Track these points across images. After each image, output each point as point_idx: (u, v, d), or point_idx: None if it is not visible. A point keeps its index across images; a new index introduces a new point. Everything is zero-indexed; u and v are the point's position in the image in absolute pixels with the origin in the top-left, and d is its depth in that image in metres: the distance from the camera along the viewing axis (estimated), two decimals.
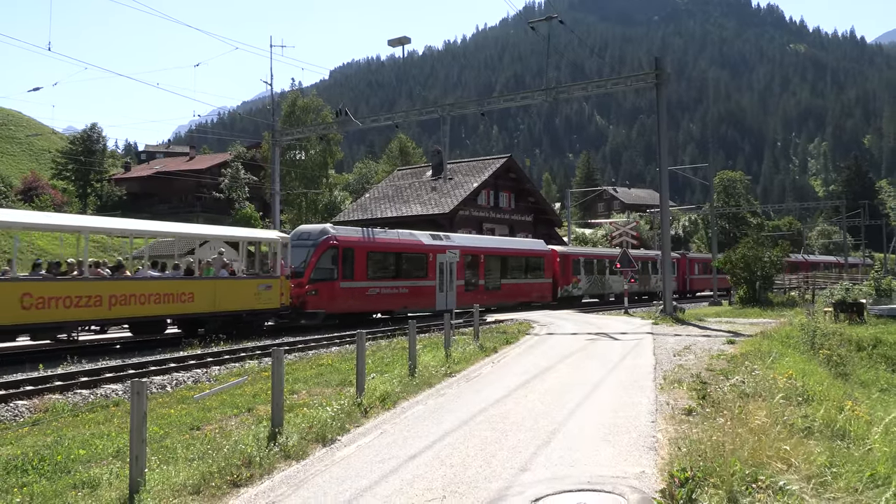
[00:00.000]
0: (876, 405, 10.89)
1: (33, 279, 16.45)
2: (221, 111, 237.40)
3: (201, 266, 20.68)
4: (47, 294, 15.80)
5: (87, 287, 16.77)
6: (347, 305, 24.93)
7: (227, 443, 7.40)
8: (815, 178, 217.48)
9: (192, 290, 19.37)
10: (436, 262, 28.78)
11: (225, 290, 20.31)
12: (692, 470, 5.93)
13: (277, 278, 21.84)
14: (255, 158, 65.12)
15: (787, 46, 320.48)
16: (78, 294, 16.40)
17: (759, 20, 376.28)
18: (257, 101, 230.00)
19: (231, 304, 20.38)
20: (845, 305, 24.56)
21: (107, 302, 17.03)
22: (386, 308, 27.24)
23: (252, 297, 20.93)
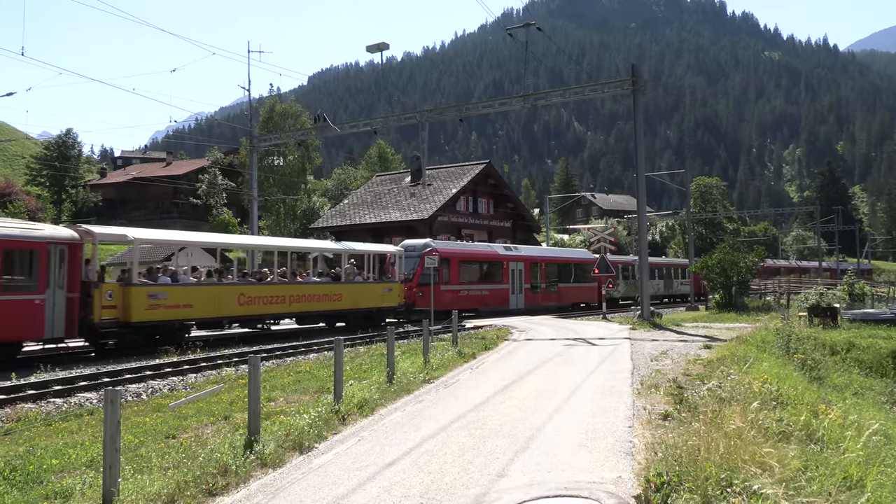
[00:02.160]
0: (850, 409, 11.00)
1: (245, 283, 22.04)
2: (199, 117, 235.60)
3: (346, 273, 25.57)
4: (253, 294, 21.77)
5: (277, 289, 22.69)
6: (446, 304, 29.58)
7: (203, 451, 7.34)
8: (790, 184, 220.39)
9: (340, 291, 24.88)
10: (508, 269, 34.85)
11: (362, 291, 25.86)
12: (668, 475, 5.96)
13: (396, 283, 27.57)
14: (233, 164, 64.74)
15: (762, 54, 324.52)
16: (271, 294, 22.41)
17: (735, 28, 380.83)
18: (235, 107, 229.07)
19: (366, 303, 25.84)
20: (819, 310, 24.83)
21: (287, 300, 22.89)
22: (473, 306, 32.45)
23: (379, 297, 26.57)
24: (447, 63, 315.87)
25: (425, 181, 40.06)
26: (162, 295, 18.85)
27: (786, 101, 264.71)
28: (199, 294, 20.29)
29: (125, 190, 73.92)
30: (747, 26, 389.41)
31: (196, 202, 59.48)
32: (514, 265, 35.00)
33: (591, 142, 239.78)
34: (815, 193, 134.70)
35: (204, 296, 20.39)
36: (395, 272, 28.03)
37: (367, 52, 30.90)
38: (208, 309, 20.35)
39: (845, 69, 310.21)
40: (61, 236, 17.11)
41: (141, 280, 18.99)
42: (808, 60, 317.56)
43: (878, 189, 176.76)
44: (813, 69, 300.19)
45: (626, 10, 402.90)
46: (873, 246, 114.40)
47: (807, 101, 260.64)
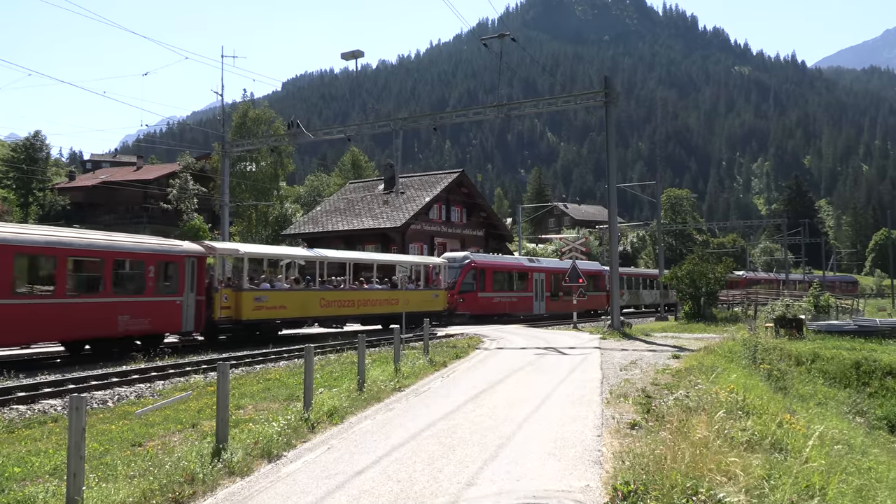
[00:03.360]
0: (813, 418, 11.19)
1: (325, 289, 25.81)
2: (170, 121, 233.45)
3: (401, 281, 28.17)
4: (331, 299, 25.94)
5: (349, 295, 26.79)
6: (483, 309, 34.69)
7: (170, 459, 7.26)
8: (759, 197, 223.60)
9: (397, 297, 28.03)
10: (532, 279, 38.92)
11: (415, 297, 29.40)
12: (635, 483, 6.03)
13: (441, 290, 31.81)
14: (205, 169, 64.14)
15: (733, 69, 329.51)
16: (344, 299, 26.50)
17: (706, 42, 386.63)
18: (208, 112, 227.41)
19: (417, 307, 29.04)
20: (785, 321, 25.17)
21: (356, 304, 27.05)
22: (503, 311, 36.46)
23: (428, 302, 30.58)
24: (422, 71, 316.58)
25: (398, 189, 40.04)
26: (264, 298, 23.01)
27: (755, 116, 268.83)
28: (291, 298, 24.44)
29: (94, 194, 72.86)
30: (718, 41, 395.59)
31: (167, 207, 58.77)
32: (537, 275, 38.92)
33: (564, 152, 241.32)
34: (783, 206, 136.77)
35: (294, 299, 24.55)
36: (440, 281, 32.35)
37: (342, 60, 30.88)
38: (297, 310, 24.51)
39: (813, 85, 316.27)
40: (194, 250, 21.27)
41: (248, 286, 22.72)
42: (776, 76, 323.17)
43: (843, 203, 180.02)
44: (781, 84, 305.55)
45: (599, 23, 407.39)
46: (838, 259, 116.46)
47: (775, 115, 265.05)
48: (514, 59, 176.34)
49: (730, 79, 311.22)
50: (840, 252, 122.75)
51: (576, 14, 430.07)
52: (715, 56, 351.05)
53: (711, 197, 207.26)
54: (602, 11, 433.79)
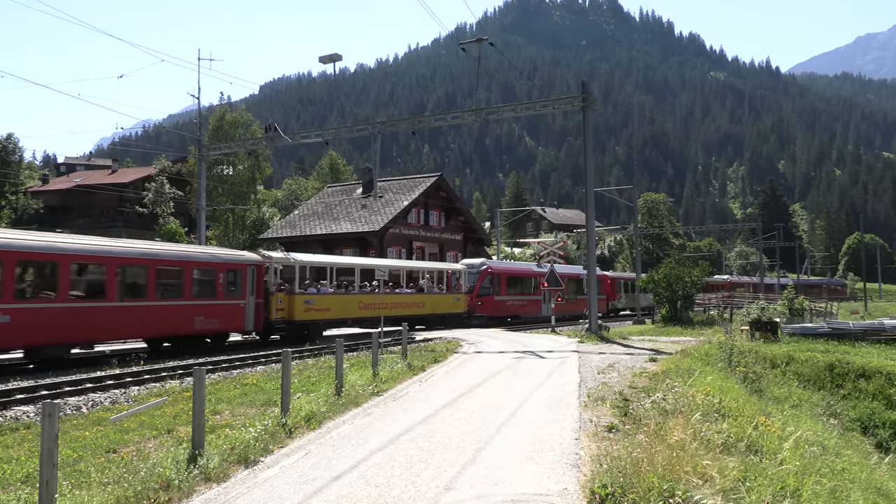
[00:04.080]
0: (788, 420, 11.31)
1: (363, 294, 28.50)
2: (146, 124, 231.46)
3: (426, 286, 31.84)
4: (368, 302, 28.41)
5: (383, 298, 28.43)
6: (498, 311, 37.30)
7: (145, 466, 7.18)
8: (734, 201, 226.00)
9: (424, 300, 31.96)
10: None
11: (439, 300, 33.08)
12: (612, 486, 6.06)
13: (462, 293, 34.91)
14: (181, 173, 63.54)
15: (708, 74, 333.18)
16: (379, 302, 28.07)
17: (682, 48, 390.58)
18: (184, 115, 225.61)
19: (441, 309, 33.03)
20: (761, 324, 25.43)
21: (389, 306, 28.70)
22: (516, 313, 38.97)
23: (450, 305, 33.87)
24: (400, 75, 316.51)
25: (377, 193, 40.00)
26: (312, 301, 25.85)
27: (730, 121, 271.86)
28: (334, 301, 27.25)
29: (68, 197, 71.97)
30: (694, 47, 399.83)
31: (142, 211, 58.18)
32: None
33: (542, 156, 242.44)
34: (758, 210, 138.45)
35: (337, 302, 27.40)
36: (461, 285, 35.39)
37: (320, 63, 30.76)
38: (339, 312, 27.40)
39: (787, 90, 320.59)
40: (254, 259, 24.19)
41: (300, 290, 25.44)
42: (751, 81, 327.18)
43: (817, 207, 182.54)
44: (756, 90, 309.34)
45: (577, 28, 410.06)
46: (812, 262, 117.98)
47: (750, 120, 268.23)
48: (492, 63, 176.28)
49: (705, 84, 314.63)
50: (814, 256, 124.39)
51: (553, 19, 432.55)
52: (691, 62, 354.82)
53: (688, 201, 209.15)
54: (579, 17, 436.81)
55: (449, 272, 34.80)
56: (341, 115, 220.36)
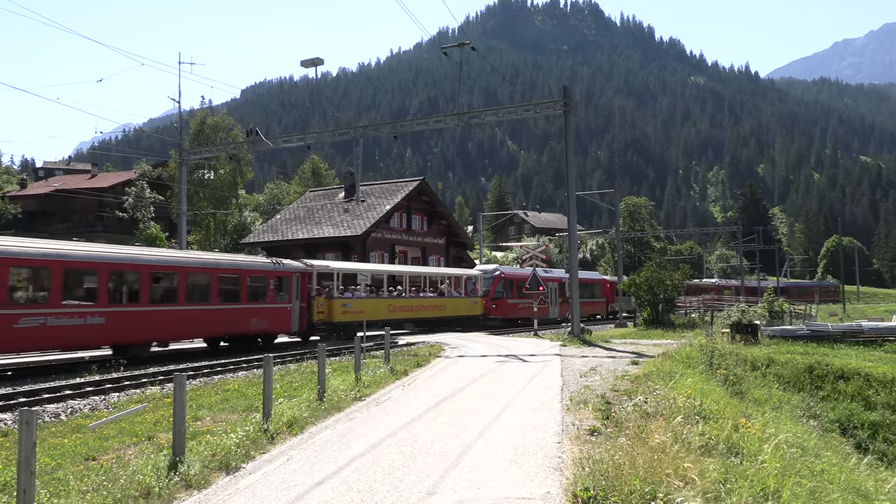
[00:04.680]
0: (769, 422, 11.39)
1: (391, 297, 31.36)
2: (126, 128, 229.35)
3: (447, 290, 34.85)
4: (396, 305, 31.57)
5: (409, 301, 32.41)
6: (511, 313, 39.22)
7: (125, 473, 7.12)
8: (715, 205, 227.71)
9: (445, 303, 34.63)
10: (548, 288, 41.57)
11: (458, 303, 35.62)
12: (594, 489, 6.08)
13: (479, 297, 37.04)
14: (162, 177, 63.05)
15: (689, 79, 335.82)
16: (406, 305, 32.07)
17: (663, 53, 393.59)
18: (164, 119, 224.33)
19: (460, 312, 35.47)
20: (741, 327, 25.63)
21: (414, 309, 32.62)
22: (526, 316, 38.66)
23: (468, 308, 36.26)
24: (382, 80, 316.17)
25: (359, 197, 39.97)
26: (349, 305, 28.61)
27: (710, 125, 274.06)
28: (368, 304, 29.83)
29: (47, 202, 71.26)
30: (674, 52, 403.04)
31: (122, 216, 57.67)
32: (551, 284, 42.44)
33: (524, 160, 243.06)
34: (738, 214, 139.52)
35: (370, 306, 29.96)
36: (477, 290, 37.53)
37: (302, 67, 30.71)
38: (372, 314, 29.61)
39: (766, 95, 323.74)
40: (299, 267, 26.62)
41: (338, 295, 28.10)
42: (731, 86, 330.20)
43: (796, 210, 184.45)
44: (736, 94, 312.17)
45: (558, 33, 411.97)
46: (791, 265, 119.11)
47: (730, 125, 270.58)
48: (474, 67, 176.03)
49: (686, 89, 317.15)
50: (793, 258, 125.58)
51: (535, 24, 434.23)
52: (671, 66, 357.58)
53: (669, 205, 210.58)
54: (561, 21, 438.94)
55: (465, 277, 37.60)
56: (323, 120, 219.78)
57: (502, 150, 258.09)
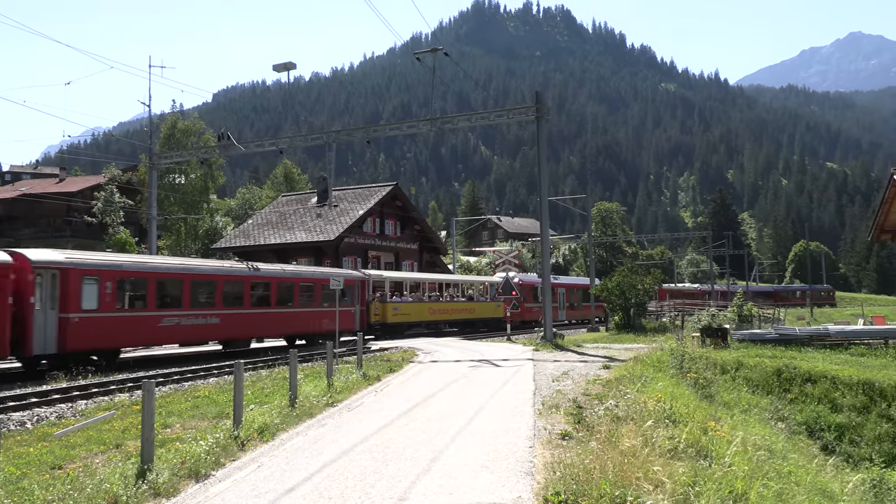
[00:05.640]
0: (737, 425, 11.52)
1: (432, 302, 36.45)
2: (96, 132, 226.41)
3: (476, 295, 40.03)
4: (436, 308, 37.04)
5: (445, 305, 38.13)
6: (528, 316, 42.15)
7: (91, 482, 7.01)
8: (685, 210, 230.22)
9: (474, 307, 40.57)
10: (558, 293, 46.92)
11: (485, 307, 40.83)
12: (565, 493, 6.11)
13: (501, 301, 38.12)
14: (132, 182, 62.29)
15: (659, 85, 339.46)
16: (444, 308, 37.85)
17: (634, 60, 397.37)
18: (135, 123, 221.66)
19: (486, 314, 40.66)
20: (711, 331, 25.86)
21: (449, 312, 38.16)
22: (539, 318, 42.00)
23: (492, 311, 40.53)
24: (356, 84, 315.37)
25: (332, 202, 39.78)
26: (398, 308, 34.18)
27: (681, 131, 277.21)
28: (412, 308, 35.33)
29: (13, 207, 69.93)
30: (645, 59, 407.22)
31: (91, 221, 56.88)
32: (561, 290, 46.97)
33: (498, 166, 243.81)
34: (708, 219, 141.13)
35: (414, 309, 35.39)
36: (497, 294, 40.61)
37: (274, 71, 30.56)
38: (416, 316, 35.31)
39: (735, 102, 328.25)
40: (360, 276, 31.84)
41: (389, 299, 33.55)
42: (701, 93, 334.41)
43: (764, 216, 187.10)
44: (705, 101, 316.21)
45: (531, 39, 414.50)
46: (760, 269, 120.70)
47: (700, 131, 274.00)
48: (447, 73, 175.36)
49: (657, 95, 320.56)
50: (762, 263, 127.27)
51: (508, 30, 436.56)
52: (642, 73, 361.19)
53: (640, 210, 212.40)
54: (534, 28, 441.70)
55: (487, 284, 42.75)
56: (296, 124, 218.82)
57: (475, 156, 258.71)
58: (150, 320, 21.34)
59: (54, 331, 18.60)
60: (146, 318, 21.34)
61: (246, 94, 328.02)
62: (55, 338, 18.59)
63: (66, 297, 18.88)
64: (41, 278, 18.57)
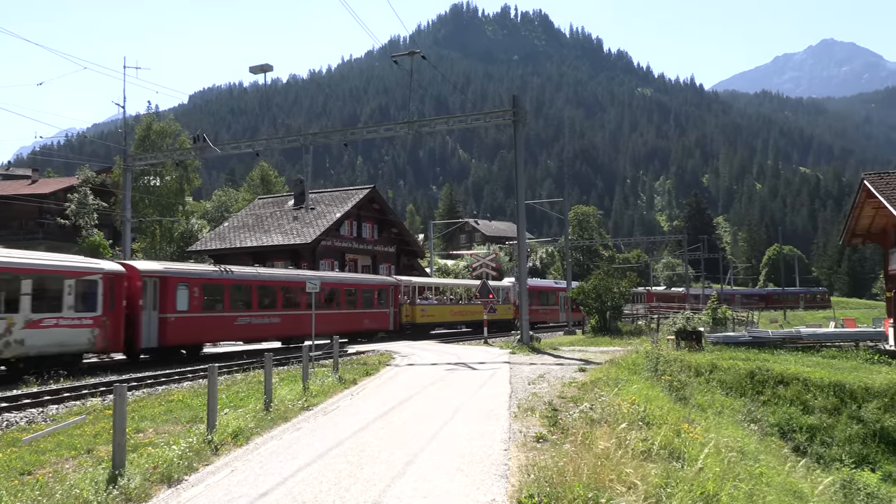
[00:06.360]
0: (710, 427, 11.63)
1: (453, 304, 40.64)
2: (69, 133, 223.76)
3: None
4: (457, 310, 41.61)
5: (464, 307, 42.14)
6: (533, 318, 41.52)
7: (62, 487, 6.94)
8: (661, 214, 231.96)
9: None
10: (559, 296, 50.86)
11: (499, 310, 41.91)
12: (539, 496, 6.14)
13: (511, 304, 43.79)
14: (106, 184, 61.55)
15: (636, 90, 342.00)
16: (463, 310, 41.92)
17: (611, 64, 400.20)
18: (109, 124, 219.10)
19: (500, 316, 42.35)
20: (685, 333, 26.07)
21: (467, 313, 41.87)
22: (544, 320, 48.92)
23: (504, 312, 43.54)
24: (333, 87, 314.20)
25: (309, 205, 39.63)
26: (426, 310, 38.32)
27: (657, 136, 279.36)
28: (437, 310, 39.57)
29: None
30: (622, 63, 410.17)
31: (64, 223, 56.14)
32: (562, 294, 49.02)
33: (475, 169, 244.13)
34: (683, 223, 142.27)
35: (438, 311, 39.65)
36: (509, 298, 44.59)
37: (251, 73, 30.41)
38: (440, 317, 39.71)
39: (710, 107, 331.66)
40: (394, 281, 36.96)
41: (417, 301, 37.88)
42: (676, 98, 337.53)
43: (739, 220, 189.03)
44: (681, 106, 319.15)
45: (509, 43, 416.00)
46: (735, 273, 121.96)
47: (676, 135, 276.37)
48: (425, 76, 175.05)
49: (633, 100, 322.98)
50: (737, 266, 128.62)
51: (486, 34, 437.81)
52: (619, 77, 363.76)
53: (617, 214, 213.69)
54: (511, 31, 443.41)
55: (501, 288, 45.22)
56: (273, 126, 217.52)
57: (453, 159, 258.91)
58: (227, 320, 25.14)
59: (156, 328, 22.69)
60: (225, 318, 25.21)
61: (223, 95, 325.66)
62: (156, 334, 22.68)
63: (165, 301, 23.02)
64: (146, 285, 22.59)
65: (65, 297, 19.73)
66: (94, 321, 20.44)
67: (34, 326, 18.62)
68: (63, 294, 19.71)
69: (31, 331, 18.50)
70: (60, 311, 19.54)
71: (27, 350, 18.50)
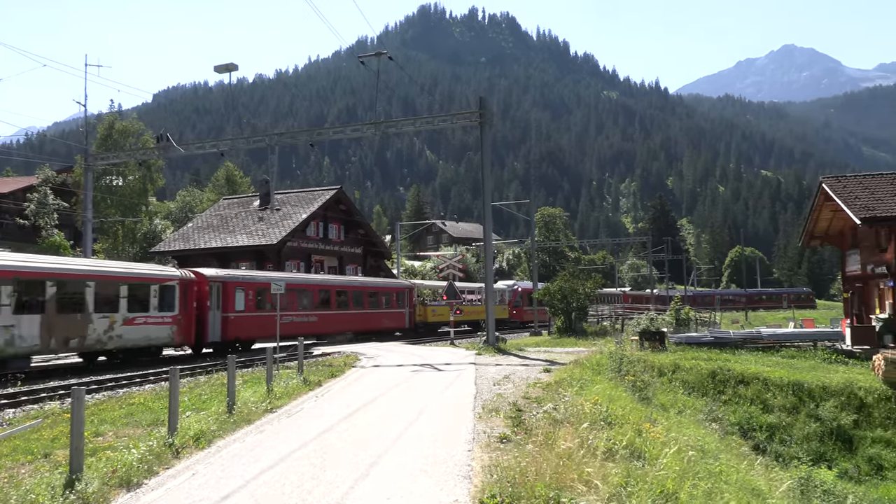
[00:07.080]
0: (672, 426, 11.78)
1: (456, 303, 36.21)
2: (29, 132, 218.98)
3: None
4: (462, 310, 42.35)
5: (469, 308, 44.89)
6: (526, 318, 49.47)
7: (17, 493, 6.80)
8: (626, 216, 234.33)
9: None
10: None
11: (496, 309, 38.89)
12: (501, 496, 6.17)
13: (507, 305, 49.47)
14: (67, 183, 60.43)
15: (602, 93, 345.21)
16: (466, 311, 44.67)
17: (577, 67, 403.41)
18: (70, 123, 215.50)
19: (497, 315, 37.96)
20: (649, 334, 26.39)
21: (468, 313, 44.95)
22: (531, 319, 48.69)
23: (500, 312, 45.24)
24: (300, 87, 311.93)
25: (274, 205, 39.32)
26: (435, 310, 42.18)
27: (622, 138, 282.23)
28: (444, 310, 41.38)
29: None
30: (588, 66, 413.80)
31: (23, 223, 55.03)
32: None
33: (443, 170, 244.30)
34: (648, 225, 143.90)
35: (445, 311, 40.93)
36: (505, 299, 49.75)
37: (216, 73, 30.09)
38: (447, 317, 40.08)
39: (674, 110, 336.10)
40: (408, 285, 40.62)
41: (428, 302, 42.25)
42: (642, 101, 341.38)
43: (702, 222, 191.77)
44: (646, 109, 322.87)
45: (476, 45, 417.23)
46: (698, 274, 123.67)
47: (641, 138, 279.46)
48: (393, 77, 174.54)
49: (599, 103, 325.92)
50: (700, 268, 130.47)
51: (454, 35, 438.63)
52: (585, 80, 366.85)
53: (583, 215, 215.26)
54: (479, 33, 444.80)
55: (498, 290, 46.12)
56: (238, 126, 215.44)
57: (421, 160, 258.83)
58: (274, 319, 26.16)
59: (219, 325, 26.69)
60: (272, 317, 26.72)
61: (187, 95, 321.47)
62: (219, 330, 26.68)
63: (227, 302, 27.10)
64: (212, 289, 26.56)
65: (151, 300, 23.70)
66: (173, 319, 24.52)
67: (129, 323, 22.67)
68: (150, 297, 23.68)
69: (127, 327, 22.55)
70: (148, 311, 23.56)
71: (125, 342, 22.56)
